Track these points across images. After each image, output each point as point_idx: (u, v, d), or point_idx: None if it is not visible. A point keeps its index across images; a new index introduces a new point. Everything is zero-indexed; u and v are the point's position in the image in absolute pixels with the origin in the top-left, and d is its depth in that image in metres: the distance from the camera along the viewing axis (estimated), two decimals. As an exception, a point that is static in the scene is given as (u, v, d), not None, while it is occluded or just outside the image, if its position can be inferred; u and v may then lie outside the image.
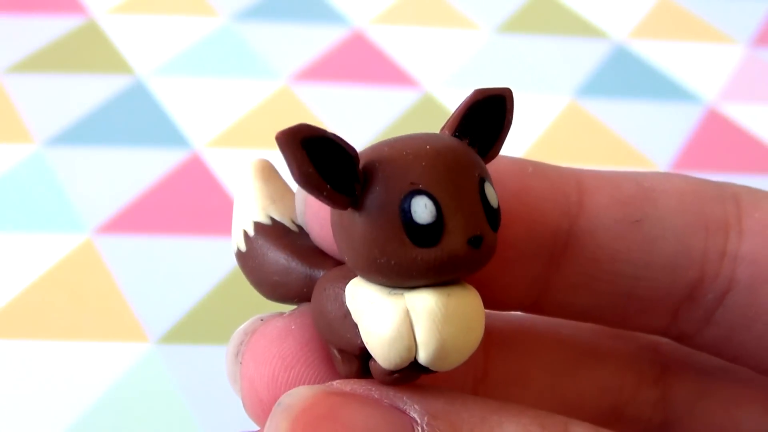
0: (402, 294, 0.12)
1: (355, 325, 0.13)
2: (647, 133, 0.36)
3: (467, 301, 0.13)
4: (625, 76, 0.39)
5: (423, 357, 0.12)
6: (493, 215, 0.13)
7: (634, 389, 0.19)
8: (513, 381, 0.18)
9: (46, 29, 0.39)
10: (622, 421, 0.19)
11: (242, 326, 0.16)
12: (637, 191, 0.16)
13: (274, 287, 0.16)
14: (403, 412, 0.13)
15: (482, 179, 0.13)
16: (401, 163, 0.12)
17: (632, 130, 0.36)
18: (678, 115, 0.37)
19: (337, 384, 0.13)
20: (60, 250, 0.29)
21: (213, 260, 0.29)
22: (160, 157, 0.33)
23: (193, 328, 0.27)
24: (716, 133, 0.36)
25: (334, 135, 0.12)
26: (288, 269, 0.15)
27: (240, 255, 0.17)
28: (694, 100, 0.38)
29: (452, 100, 0.37)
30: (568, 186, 0.16)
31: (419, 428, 0.13)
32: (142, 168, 0.32)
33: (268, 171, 0.17)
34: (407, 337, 0.12)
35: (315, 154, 0.12)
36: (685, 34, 0.42)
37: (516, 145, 0.34)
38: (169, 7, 0.41)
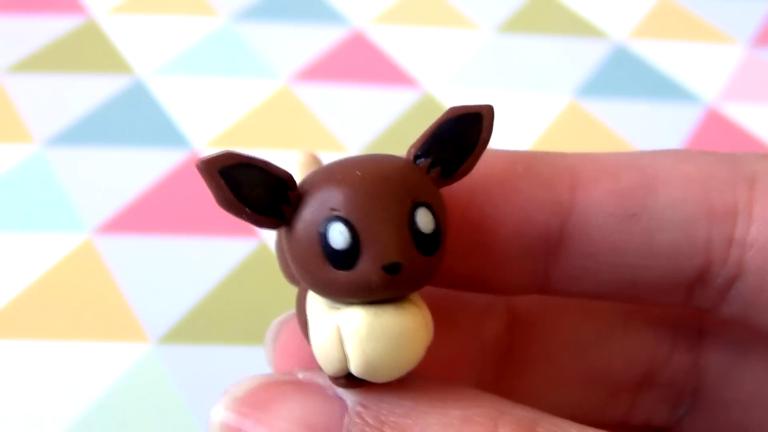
0: (339, 309, 0.13)
1: None
2: (647, 133, 0.36)
3: (397, 321, 0.13)
4: (625, 76, 0.39)
5: (353, 370, 0.13)
6: (424, 240, 0.13)
7: (668, 355, 0.19)
8: (537, 356, 0.19)
9: (46, 29, 0.39)
10: (654, 387, 0.19)
11: (280, 317, 0.17)
12: (638, 181, 0.15)
13: (292, 278, 0.16)
14: (340, 399, 0.14)
15: (416, 204, 0.13)
16: (327, 189, 0.13)
17: (632, 130, 0.36)
18: (678, 115, 0.37)
19: (293, 372, 0.14)
20: (60, 250, 0.29)
21: (213, 260, 0.29)
22: (160, 157, 0.33)
23: (193, 328, 0.27)
24: (716, 133, 0.36)
25: (261, 161, 0.13)
26: None
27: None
28: (694, 100, 0.38)
29: (452, 100, 0.37)
30: (561, 183, 0.16)
31: (347, 416, 0.13)
32: (142, 168, 0.32)
33: (311, 163, 0.17)
34: (338, 350, 0.13)
35: (239, 179, 0.12)
36: (685, 34, 0.42)
37: (516, 145, 0.34)
38: (169, 7, 0.41)
